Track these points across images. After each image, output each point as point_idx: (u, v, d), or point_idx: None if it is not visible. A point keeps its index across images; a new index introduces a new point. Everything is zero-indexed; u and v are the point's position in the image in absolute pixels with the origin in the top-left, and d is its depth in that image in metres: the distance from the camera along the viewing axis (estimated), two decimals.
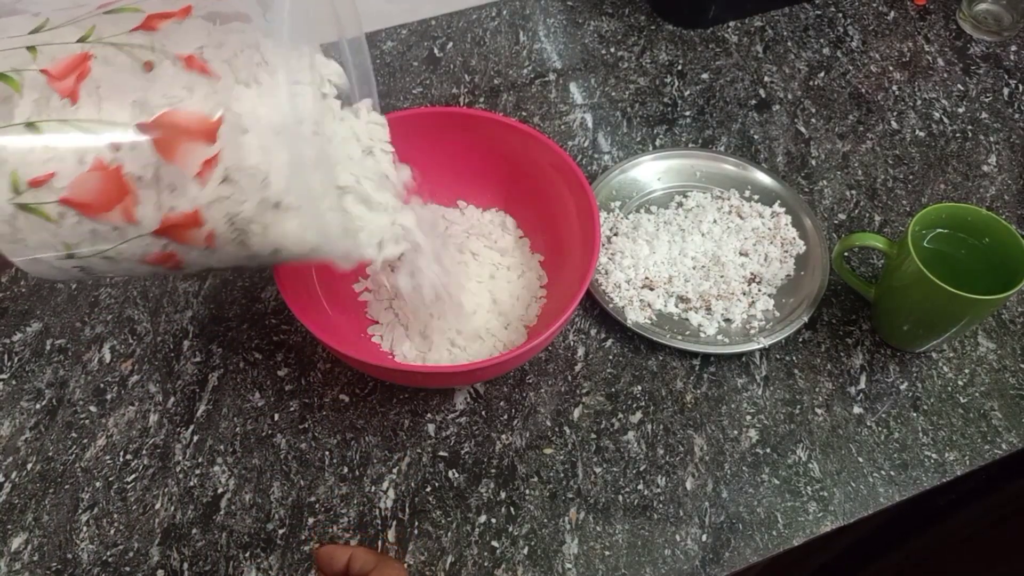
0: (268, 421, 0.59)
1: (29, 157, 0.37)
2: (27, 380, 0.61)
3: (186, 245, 0.41)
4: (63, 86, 0.37)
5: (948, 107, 0.79)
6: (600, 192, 0.69)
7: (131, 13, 0.40)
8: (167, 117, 0.37)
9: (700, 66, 0.82)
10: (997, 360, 0.62)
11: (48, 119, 0.37)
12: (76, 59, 0.38)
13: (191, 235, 0.40)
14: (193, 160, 0.38)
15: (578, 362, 0.62)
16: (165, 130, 0.37)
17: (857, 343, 0.63)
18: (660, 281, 0.64)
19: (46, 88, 0.37)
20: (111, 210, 0.38)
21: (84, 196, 0.38)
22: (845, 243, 0.61)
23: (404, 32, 0.84)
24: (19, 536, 0.54)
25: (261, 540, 0.54)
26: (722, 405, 0.60)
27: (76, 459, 0.57)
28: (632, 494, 0.56)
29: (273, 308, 0.65)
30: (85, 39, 0.39)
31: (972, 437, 0.58)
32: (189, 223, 0.39)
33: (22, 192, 0.37)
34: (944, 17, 0.87)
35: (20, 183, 0.37)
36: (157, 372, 0.61)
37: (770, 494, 0.56)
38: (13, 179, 0.37)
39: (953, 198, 0.72)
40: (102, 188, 0.38)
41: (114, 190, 0.38)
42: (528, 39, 0.84)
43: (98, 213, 0.38)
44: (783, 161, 0.74)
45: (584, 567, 0.53)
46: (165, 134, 0.37)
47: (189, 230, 0.40)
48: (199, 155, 0.37)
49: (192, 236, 0.40)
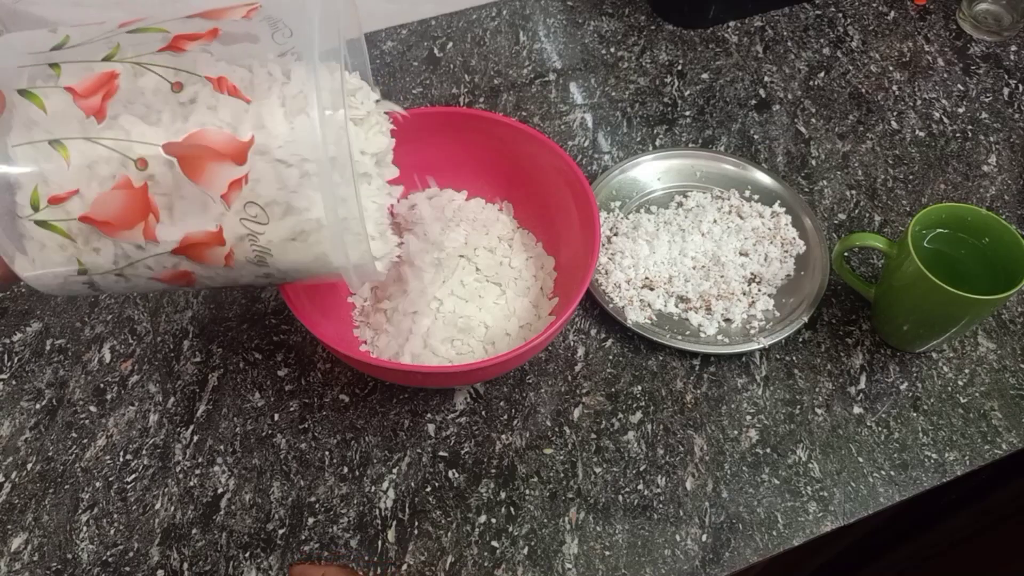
0: (268, 421, 0.59)
1: (52, 175, 0.37)
2: (27, 380, 0.61)
3: (204, 264, 0.41)
4: (89, 104, 0.37)
5: (948, 107, 0.79)
6: (600, 192, 0.69)
7: (156, 33, 0.40)
8: (196, 138, 0.37)
9: (700, 66, 0.82)
10: (997, 360, 0.62)
11: (73, 136, 0.37)
12: (103, 77, 0.38)
13: (211, 254, 0.40)
14: (220, 181, 0.37)
15: (578, 362, 0.62)
16: (194, 151, 0.37)
17: (857, 343, 0.63)
18: (660, 281, 0.64)
19: (71, 106, 0.37)
20: (132, 228, 0.38)
21: (106, 214, 0.38)
22: (845, 243, 0.61)
23: (404, 32, 0.84)
24: (19, 536, 0.54)
25: (261, 540, 0.54)
26: (722, 405, 0.60)
27: (76, 459, 0.57)
28: (632, 494, 0.56)
29: (273, 308, 0.65)
30: (110, 57, 0.38)
31: (972, 437, 0.58)
32: (211, 242, 0.39)
33: (41, 209, 0.37)
34: (944, 17, 0.87)
35: (40, 200, 0.37)
36: (157, 372, 0.61)
37: (770, 494, 0.56)
38: (34, 196, 0.37)
39: (953, 198, 0.72)
40: (125, 206, 0.38)
41: (138, 208, 0.38)
42: (528, 39, 0.84)
43: (118, 231, 0.38)
44: (783, 161, 0.74)
45: (584, 567, 0.53)
46: (193, 154, 0.37)
47: (210, 249, 0.40)
48: (226, 176, 0.37)
49: (212, 255, 0.40)
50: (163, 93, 0.38)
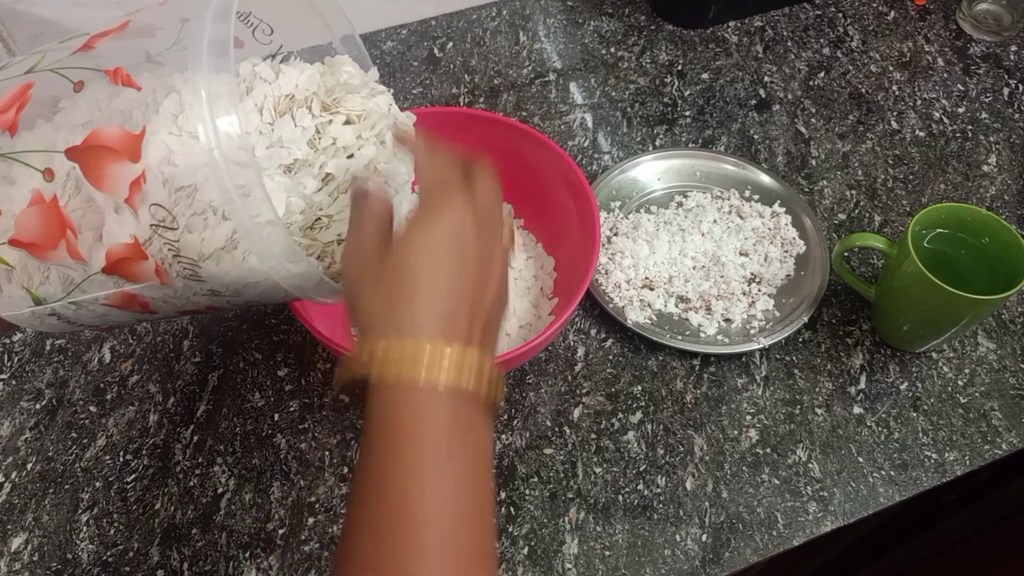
0: (268, 421, 0.59)
1: None
2: (27, 380, 0.61)
3: (143, 283, 0.37)
4: (4, 119, 0.35)
5: (948, 107, 0.79)
6: (600, 192, 0.69)
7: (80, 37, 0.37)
8: (92, 138, 0.34)
9: (700, 66, 0.82)
10: (997, 360, 0.62)
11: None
12: (19, 90, 0.36)
13: (139, 270, 0.36)
14: (121, 183, 0.34)
15: (578, 362, 0.62)
16: (92, 152, 0.34)
17: (857, 343, 0.63)
18: (660, 281, 0.64)
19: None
20: (57, 247, 0.35)
21: (30, 234, 0.35)
22: (845, 243, 0.61)
23: (404, 32, 0.84)
24: (19, 536, 0.54)
25: (261, 540, 0.54)
26: (722, 405, 0.60)
27: (76, 459, 0.57)
28: (632, 494, 0.56)
29: (273, 308, 0.65)
30: (33, 69, 0.36)
31: (972, 437, 0.58)
32: (134, 256, 0.36)
33: None
34: (944, 17, 0.87)
35: None
36: (157, 372, 0.61)
37: (770, 494, 0.56)
38: None
39: (953, 198, 0.72)
40: (43, 223, 0.35)
41: (54, 224, 0.35)
42: (528, 39, 0.84)
43: (46, 252, 0.36)
44: (783, 161, 0.74)
45: (584, 567, 0.53)
46: (92, 156, 0.34)
47: (136, 264, 0.36)
48: (125, 176, 0.34)
49: (142, 272, 0.37)
50: (68, 96, 0.35)
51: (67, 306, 0.38)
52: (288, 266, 0.37)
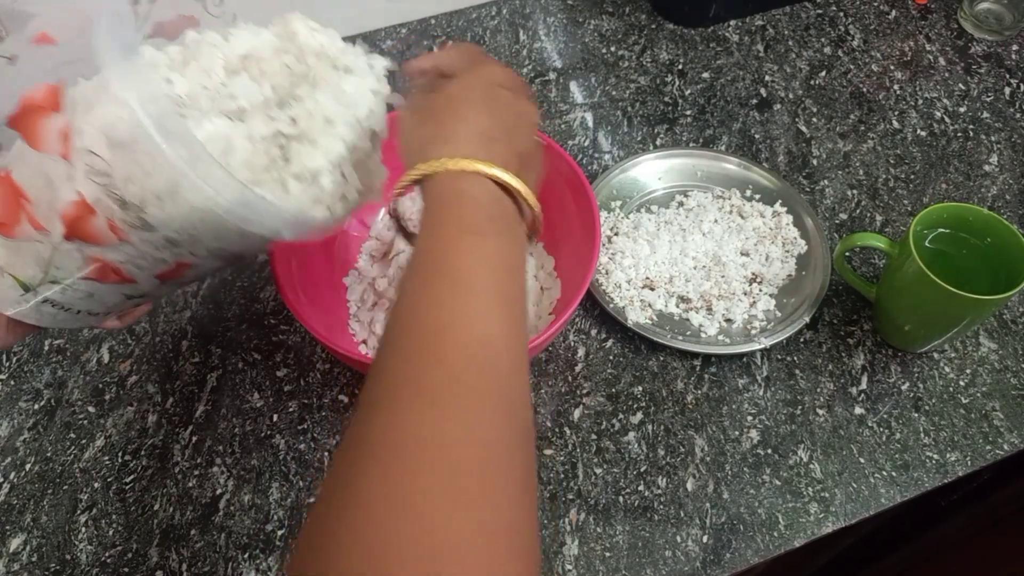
0: (267, 422, 0.59)
1: None
2: (25, 380, 0.61)
3: (105, 246, 0.38)
4: None
5: (949, 106, 0.78)
6: (600, 192, 0.69)
7: None
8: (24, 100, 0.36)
9: (701, 65, 0.81)
10: (999, 360, 0.62)
11: None
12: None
13: (96, 229, 0.37)
14: (53, 138, 0.36)
15: (578, 362, 0.62)
16: (25, 114, 0.36)
17: (858, 343, 0.63)
18: (661, 281, 0.64)
19: None
20: (20, 222, 0.37)
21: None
22: (846, 243, 0.60)
23: (404, 31, 0.84)
24: (18, 537, 0.54)
25: (260, 541, 0.54)
26: (723, 406, 0.59)
27: (75, 460, 0.57)
28: (633, 495, 0.55)
29: (272, 308, 0.64)
30: None
31: (973, 438, 0.58)
32: (85, 213, 0.37)
33: None
34: (945, 16, 0.86)
35: None
36: (156, 373, 0.61)
37: (771, 495, 0.55)
38: None
39: (955, 198, 0.71)
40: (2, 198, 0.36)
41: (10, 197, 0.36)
42: (528, 38, 0.83)
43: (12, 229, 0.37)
44: (784, 160, 0.74)
45: (584, 568, 0.52)
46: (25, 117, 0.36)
47: (89, 223, 0.37)
48: (53, 128, 0.36)
49: (98, 231, 0.37)
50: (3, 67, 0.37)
51: (52, 288, 0.39)
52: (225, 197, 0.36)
